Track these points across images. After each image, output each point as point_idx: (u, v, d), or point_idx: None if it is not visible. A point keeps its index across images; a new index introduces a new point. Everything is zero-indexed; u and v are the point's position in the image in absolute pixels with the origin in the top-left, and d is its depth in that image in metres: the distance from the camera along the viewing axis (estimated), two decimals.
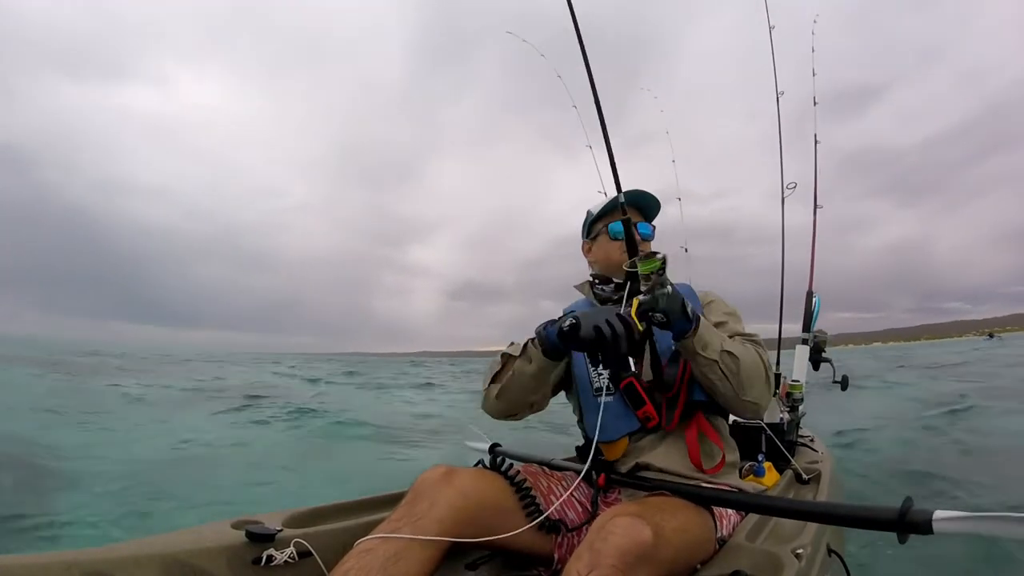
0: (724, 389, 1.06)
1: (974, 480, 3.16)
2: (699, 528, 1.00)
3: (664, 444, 1.17)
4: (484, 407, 1.26)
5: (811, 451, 2.11)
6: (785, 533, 1.11)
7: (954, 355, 22.33)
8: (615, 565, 0.78)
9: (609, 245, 1.27)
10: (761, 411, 1.11)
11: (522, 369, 1.13)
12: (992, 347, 30.55)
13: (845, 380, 2.29)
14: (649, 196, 1.27)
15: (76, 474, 3.45)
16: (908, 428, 5.19)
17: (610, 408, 1.17)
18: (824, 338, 2.37)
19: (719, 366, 1.04)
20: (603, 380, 1.18)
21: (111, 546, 0.86)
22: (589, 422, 1.20)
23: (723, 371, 1.04)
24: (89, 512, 2.78)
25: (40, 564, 0.76)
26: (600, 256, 1.31)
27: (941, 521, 0.76)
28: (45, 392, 8.00)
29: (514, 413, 1.24)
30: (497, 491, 1.04)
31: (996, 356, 19.07)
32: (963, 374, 11.90)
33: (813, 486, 1.66)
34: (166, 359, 25.68)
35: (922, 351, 36.43)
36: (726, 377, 1.04)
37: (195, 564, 0.89)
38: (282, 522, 1.07)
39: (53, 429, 5.02)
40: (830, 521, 0.95)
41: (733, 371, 1.04)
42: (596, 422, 1.13)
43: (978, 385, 8.84)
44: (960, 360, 17.71)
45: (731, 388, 1.06)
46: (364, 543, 0.87)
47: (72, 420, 5.61)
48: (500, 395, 1.19)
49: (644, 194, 1.26)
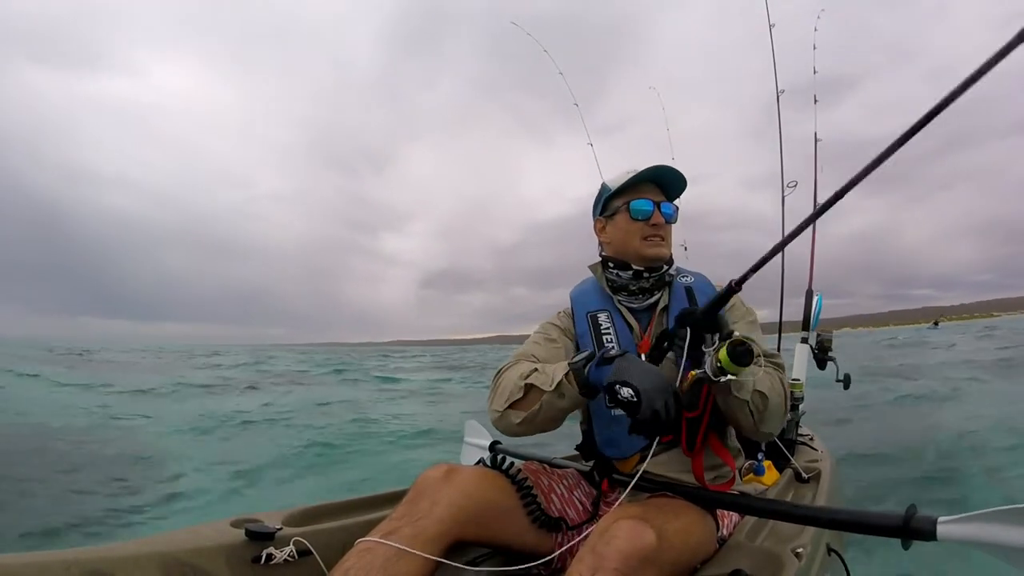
0: (745, 423, 1.01)
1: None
2: (701, 530, 1.00)
3: (671, 457, 1.12)
4: (499, 427, 1.13)
5: (811, 450, 2.11)
6: (785, 532, 1.11)
7: (888, 340, 25.80)
8: (618, 568, 0.77)
9: (630, 226, 1.14)
10: (771, 439, 1.05)
11: (552, 403, 1.02)
12: (930, 333, 34.36)
13: (847, 379, 2.29)
14: (674, 172, 1.14)
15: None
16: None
17: (623, 422, 1.09)
18: (828, 337, 2.35)
19: (748, 406, 0.98)
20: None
21: (111, 545, 0.86)
22: (601, 435, 1.14)
23: (751, 410, 0.99)
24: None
25: (39, 563, 0.75)
26: (617, 237, 1.18)
27: (945, 528, 0.76)
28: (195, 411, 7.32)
29: (531, 434, 1.13)
30: (498, 490, 1.04)
31: (920, 340, 22.50)
32: (873, 356, 14.62)
33: (813, 485, 1.66)
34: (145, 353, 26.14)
35: (874, 336, 41.15)
36: (751, 415, 0.99)
37: (195, 563, 0.89)
38: (282, 520, 1.06)
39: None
40: (834, 527, 0.95)
41: (760, 410, 0.99)
42: (608, 435, 1.12)
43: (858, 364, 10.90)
44: (890, 343, 21.08)
45: (752, 424, 1.00)
46: (364, 542, 0.87)
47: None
48: (524, 424, 1.07)
49: (669, 169, 1.14)
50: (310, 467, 4.29)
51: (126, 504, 3.04)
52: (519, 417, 1.06)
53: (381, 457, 4.68)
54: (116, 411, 6.65)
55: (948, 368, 10.00)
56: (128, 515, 2.88)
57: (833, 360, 2.34)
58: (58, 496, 3.08)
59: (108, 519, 2.79)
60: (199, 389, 9.74)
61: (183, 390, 9.49)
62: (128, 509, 2.96)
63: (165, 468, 3.96)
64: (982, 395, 6.60)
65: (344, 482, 3.89)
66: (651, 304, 1.18)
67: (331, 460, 4.54)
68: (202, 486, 3.55)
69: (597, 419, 1.16)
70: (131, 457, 4.25)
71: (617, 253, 1.19)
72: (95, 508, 2.91)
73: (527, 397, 1.04)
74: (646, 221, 1.13)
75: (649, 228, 1.14)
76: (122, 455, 4.31)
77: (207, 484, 3.60)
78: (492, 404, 1.11)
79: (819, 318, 2.43)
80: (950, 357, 12.61)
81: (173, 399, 8.48)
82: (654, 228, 1.14)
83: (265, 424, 6.18)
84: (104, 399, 7.80)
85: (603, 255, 1.24)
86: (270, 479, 3.87)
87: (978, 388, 7.17)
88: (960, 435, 4.26)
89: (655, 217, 1.14)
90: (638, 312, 1.19)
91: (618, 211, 1.17)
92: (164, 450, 4.58)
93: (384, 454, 4.81)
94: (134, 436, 5.25)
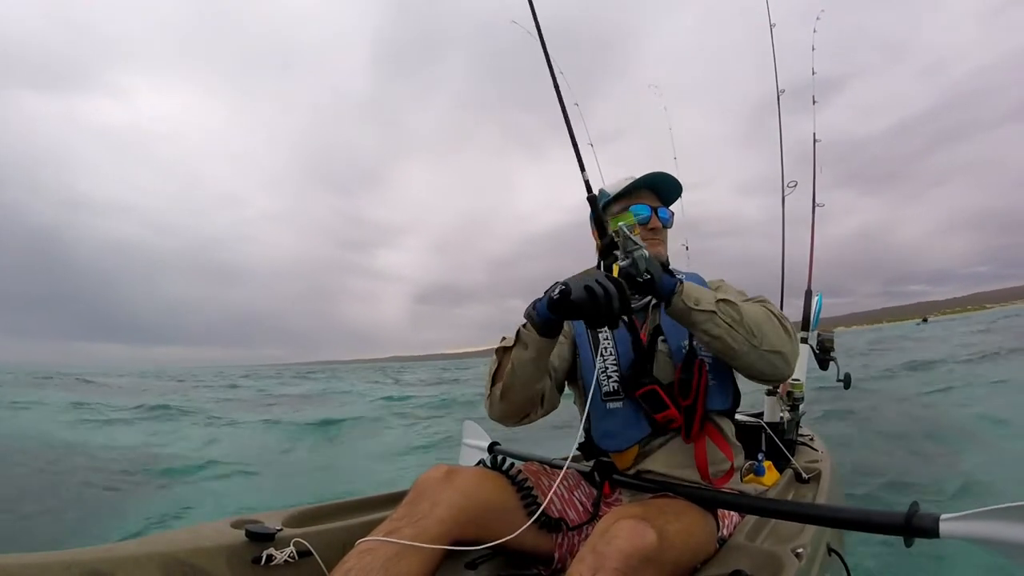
0: (737, 344, 0.97)
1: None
2: (702, 530, 1.00)
3: (671, 450, 1.13)
4: (491, 414, 1.15)
5: (811, 450, 2.11)
6: (785, 533, 1.11)
7: (875, 336, 26.57)
8: (618, 568, 0.77)
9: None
10: (791, 361, 1.01)
11: (520, 357, 1.03)
12: (919, 330, 35.83)
13: (848, 379, 2.29)
14: (670, 179, 1.19)
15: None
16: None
17: (619, 415, 1.13)
18: (830, 336, 2.35)
19: (718, 316, 0.96)
20: (612, 384, 1.14)
21: (111, 545, 0.86)
22: (597, 428, 1.15)
23: (725, 321, 0.96)
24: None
25: (39, 563, 0.75)
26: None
27: (948, 525, 0.76)
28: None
29: (524, 413, 1.14)
30: (498, 490, 1.04)
31: (911, 335, 22.96)
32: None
33: (813, 485, 1.66)
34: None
35: (867, 335, 41.30)
36: (731, 327, 0.96)
37: (195, 563, 0.89)
38: (282, 521, 1.07)
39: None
40: (837, 525, 0.95)
41: (736, 319, 0.97)
42: (604, 428, 1.13)
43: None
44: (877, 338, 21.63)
45: (744, 340, 0.97)
46: (365, 543, 0.87)
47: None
48: (504, 395, 1.08)
49: (665, 176, 1.19)
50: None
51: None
52: (499, 388, 1.09)
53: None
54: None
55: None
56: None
57: (834, 360, 2.34)
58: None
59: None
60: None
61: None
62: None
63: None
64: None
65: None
66: (645, 304, 1.21)
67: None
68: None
69: (593, 413, 1.17)
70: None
71: None
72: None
73: (500, 365, 1.09)
74: (644, 225, 1.17)
75: (647, 232, 1.17)
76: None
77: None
78: (485, 396, 1.15)
79: (819, 318, 2.43)
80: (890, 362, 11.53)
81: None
82: (652, 232, 1.18)
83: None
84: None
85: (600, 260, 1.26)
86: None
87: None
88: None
89: (653, 221, 1.18)
90: (635, 311, 1.22)
91: (616, 216, 1.21)
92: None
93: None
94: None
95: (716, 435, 1.14)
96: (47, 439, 5.52)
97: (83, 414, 7.89)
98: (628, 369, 1.14)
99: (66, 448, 5.06)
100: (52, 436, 5.71)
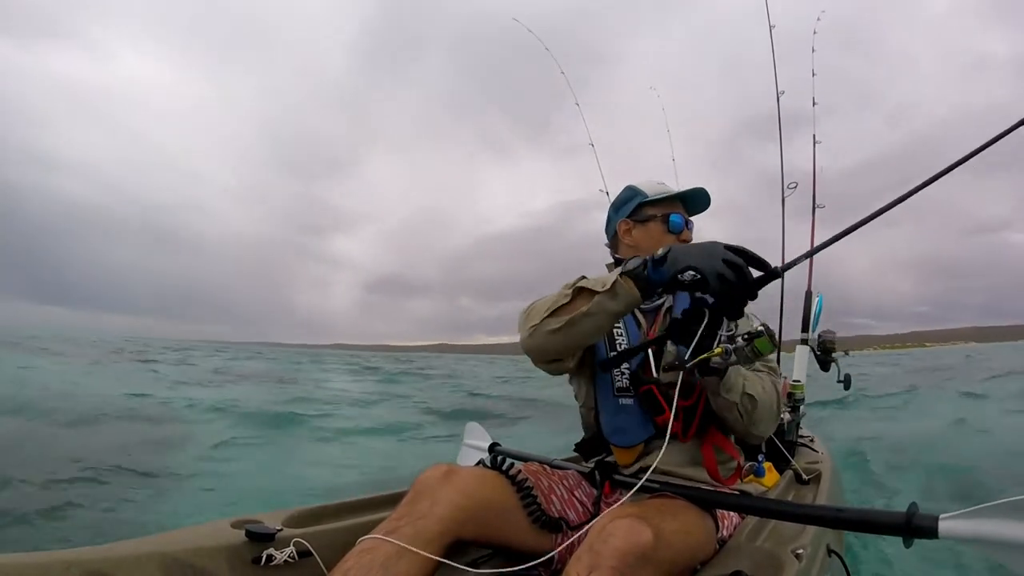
0: (735, 424, 1.08)
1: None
2: (700, 530, 1.00)
3: (676, 449, 1.13)
4: (528, 343, 1.08)
5: (811, 451, 2.11)
6: (785, 533, 1.11)
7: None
8: (615, 567, 0.78)
9: (663, 236, 1.22)
10: (763, 440, 1.12)
11: (603, 304, 0.98)
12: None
13: (848, 379, 2.28)
14: (707, 197, 1.27)
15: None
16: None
17: (629, 411, 1.16)
18: (831, 337, 2.34)
19: (737, 408, 1.05)
20: (625, 380, 1.17)
21: (111, 545, 0.86)
22: (609, 423, 1.18)
23: (739, 412, 1.05)
24: None
25: (39, 563, 0.75)
26: (646, 244, 1.23)
27: (947, 525, 0.76)
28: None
29: (561, 358, 1.12)
30: (498, 490, 1.04)
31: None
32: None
33: (813, 486, 1.66)
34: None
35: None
36: (740, 417, 1.06)
37: (195, 563, 0.89)
38: (282, 521, 1.06)
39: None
40: (837, 525, 0.95)
41: (748, 411, 1.06)
42: (616, 423, 1.15)
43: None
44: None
45: (742, 425, 1.08)
46: (365, 542, 0.87)
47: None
48: (562, 330, 1.02)
49: (704, 193, 1.26)
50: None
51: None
52: (559, 322, 1.02)
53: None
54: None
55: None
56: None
57: (835, 361, 2.33)
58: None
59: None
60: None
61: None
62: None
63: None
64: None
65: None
66: (657, 305, 1.24)
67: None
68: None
69: (604, 408, 1.20)
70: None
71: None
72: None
73: (574, 302, 1.02)
74: (678, 234, 1.23)
75: (678, 241, 1.22)
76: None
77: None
78: (525, 324, 1.08)
79: (820, 319, 2.43)
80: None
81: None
82: (682, 243, 1.21)
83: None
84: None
85: (617, 256, 1.30)
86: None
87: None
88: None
89: (685, 233, 1.24)
90: (646, 312, 1.25)
91: (652, 219, 1.25)
92: None
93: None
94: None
95: (721, 438, 1.16)
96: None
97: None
98: (636, 367, 1.16)
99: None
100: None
